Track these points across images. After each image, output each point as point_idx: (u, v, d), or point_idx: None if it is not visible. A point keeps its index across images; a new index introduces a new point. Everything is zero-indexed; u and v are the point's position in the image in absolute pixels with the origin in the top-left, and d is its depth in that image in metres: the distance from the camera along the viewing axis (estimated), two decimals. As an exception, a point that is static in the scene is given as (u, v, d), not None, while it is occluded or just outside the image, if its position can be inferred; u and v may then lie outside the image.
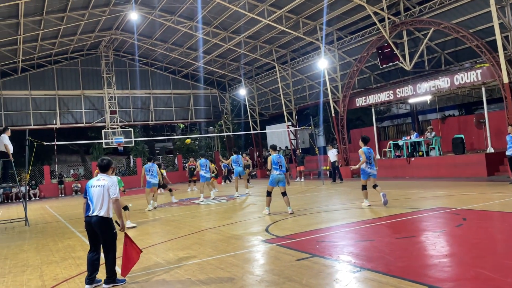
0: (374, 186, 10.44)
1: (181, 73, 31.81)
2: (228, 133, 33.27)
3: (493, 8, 13.81)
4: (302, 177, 22.44)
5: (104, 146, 29.24)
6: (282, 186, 10.34)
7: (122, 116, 29.75)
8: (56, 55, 27.21)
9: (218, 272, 5.69)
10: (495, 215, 8.37)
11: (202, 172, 15.67)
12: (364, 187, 10.53)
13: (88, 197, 5.55)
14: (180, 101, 32.47)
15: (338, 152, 20.88)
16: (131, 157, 36.32)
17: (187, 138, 41.11)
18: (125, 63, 30.37)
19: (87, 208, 5.56)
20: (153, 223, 11.08)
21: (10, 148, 11.97)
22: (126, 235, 5.68)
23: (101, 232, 5.46)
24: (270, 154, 10.64)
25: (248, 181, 20.10)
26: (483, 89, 16.59)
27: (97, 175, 5.77)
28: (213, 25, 22.74)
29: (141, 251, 5.88)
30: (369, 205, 10.32)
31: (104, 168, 5.69)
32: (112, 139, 28.04)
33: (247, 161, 21.26)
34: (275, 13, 19.98)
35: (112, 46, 28.37)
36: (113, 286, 5.44)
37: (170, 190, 15.74)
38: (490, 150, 16.10)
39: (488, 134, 16.38)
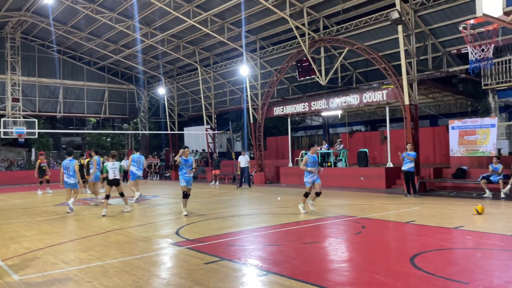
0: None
1: (97, 65, 30.15)
2: (144, 132, 32.21)
3: (400, 35, 15.14)
4: (217, 181, 22.47)
5: (2, 136, 26.57)
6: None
7: (25, 105, 27.37)
8: (-50, 30, 24.29)
9: (122, 275, 5.46)
10: (390, 225, 9.15)
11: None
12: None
13: None
14: (94, 94, 30.76)
15: (249, 158, 20.78)
16: (33, 150, 33.44)
17: (99, 133, 38.84)
18: (33, 48, 28.01)
19: None
20: (53, 221, 10.31)
21: None
22: None
23: None
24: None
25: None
26: (387, 108, 18.08)
27: None
28: (135, 19, 21.93)
29: None
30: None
31: None
32: (12, 129, 25.60)
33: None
34: (201, 15, 19.88)
35: (20, 28, 25.99)
36: None
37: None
38: (390, 164, 17.55)
39: (388, 150, 17.85)
